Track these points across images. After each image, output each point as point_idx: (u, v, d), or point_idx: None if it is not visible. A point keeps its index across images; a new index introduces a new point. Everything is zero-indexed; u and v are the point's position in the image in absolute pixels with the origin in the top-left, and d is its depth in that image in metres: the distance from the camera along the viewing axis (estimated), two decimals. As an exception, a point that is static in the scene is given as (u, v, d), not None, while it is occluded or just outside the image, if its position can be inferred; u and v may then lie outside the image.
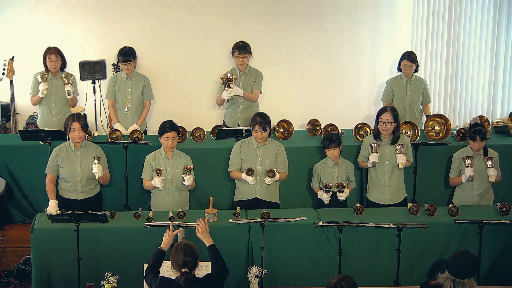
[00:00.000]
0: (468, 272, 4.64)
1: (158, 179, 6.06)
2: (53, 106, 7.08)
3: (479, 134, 6.22)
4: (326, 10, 8.06)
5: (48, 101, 7.06)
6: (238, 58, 7.26)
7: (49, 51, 6.98)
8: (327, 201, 6.17)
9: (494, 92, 8.23)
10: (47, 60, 6.96)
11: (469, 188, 6.33)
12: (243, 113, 7.33)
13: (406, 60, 7.35)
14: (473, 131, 6.25)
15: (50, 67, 6.96)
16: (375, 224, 5.68)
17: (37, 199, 6.85)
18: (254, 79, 7.33)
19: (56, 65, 6.97)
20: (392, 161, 6.33)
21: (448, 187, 6.61)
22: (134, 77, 7.31)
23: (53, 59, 6.94)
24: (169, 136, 6.16)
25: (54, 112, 7.08)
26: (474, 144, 6.25)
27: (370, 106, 8.23)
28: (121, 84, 7.27)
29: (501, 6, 8.04)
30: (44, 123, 7.08)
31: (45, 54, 6.98)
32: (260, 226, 5.66)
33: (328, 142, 6.30)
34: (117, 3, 7.95)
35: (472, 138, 6.26)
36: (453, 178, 6.43)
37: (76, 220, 5.57)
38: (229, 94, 7.14)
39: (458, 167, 6.37)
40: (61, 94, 7.05)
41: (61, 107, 7.10)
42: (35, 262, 5.70)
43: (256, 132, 6.26)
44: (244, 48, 7.26)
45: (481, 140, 6.24)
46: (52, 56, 6.94)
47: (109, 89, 7.35)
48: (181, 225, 5.59)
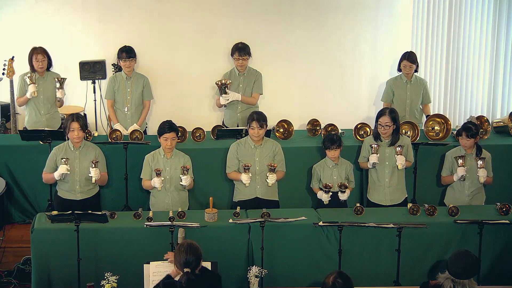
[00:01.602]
0: (468, 272, 4.64)
1: (157, 179, 6.05)
2: (41, 106, 7.07)
3: (466, 131, 6.22)
4: (327, 10, 8.06)
5: (35, 102, 7.05)
6: (238, 60, 7.26)
7: (35, 51, 6.96)
8: (327, 201, 6.17)
9: (494, 92, 8.23)
10: (33, 60, 6.94)
11: (460, 188, 6.34)
12: (242, 113, 7.32)
13: (406, 61, 7.35)
14: (462, 127, 6.28)
15: (37, 67, 6.95)
16: (375, 224, 5.68)
17: (37, 199, 6.85)
18: (253, 81, 7.33)
19: (43, 65, 6.96)
20: (392, 162, 6.33)
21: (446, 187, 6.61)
22: (134, 77, 7.31)
23: (40, 59, 6.93)
24: (168, 137, 6.16)
25: (43, 112, 7.08)
26: (462, 141, 6.26)
27: (370, 106, 8.23)
28: (120, 85, 7.27)
29: (501, 6, 8.03)
30: (33, 123, 7.08)
31: (30, 54, 6.96)
32: (260, 226, 5.66)
33: (330, 143, 6.29)
34: (117, 3, 7.94)
35: (458, 134, 6.28)
36: (445, 177, 6.44)
37: (76, 220, 5.57)
38: (226, 100, 7.15)
39: (451, 166, 6.38)
40: (49, 94, 7.05)
41: (49, 107, 7.10)
42: (35, 262, 5.70)
43: (253, 129, 6.25)
44: (244, 49, 7.26)
45: (468, 137, 6.23)
46: (39, 56, 6.93)
47: (108, 89, 7.35)
48: (181, 225, 5.59)
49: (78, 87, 7.90)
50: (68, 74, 7.51)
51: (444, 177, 6.45)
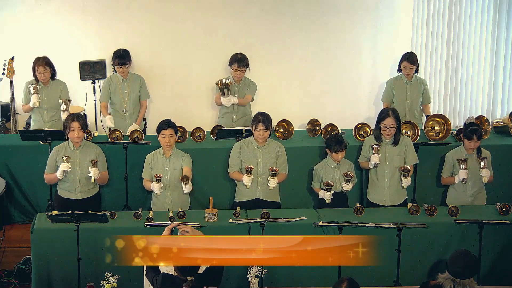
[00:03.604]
0: (468, 272, 4.64)
1: (156, 185, 6.04)
2: (44, 114, 7.08)
3: (476, 134, 6.22)
4: (327, 10, 8.06)
5: (39, 110, 7.07)
6: (236, 71, 7.27)
7: (37, 62, 6.96)
8: (329, 199, 6.16)
9: (494, 92, 8.22)
10: (36, 71, 6.95)
11: (463, 188, 6.33)
12: (237, 122, 7.34)
13: (406, 62, 7.34)
14: (470, 130, 6.25)
15: (40, 79, 6.96)
16: (375, 224, 5.69)
17: (37, 199, 6.85)
18: (247, 89, 7.35)
19: (46, 76, 6.96)
20: (392, 163, 6.32)
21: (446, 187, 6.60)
22: (130, 78, 7.30)
23: (42, 71, 6.93)
24: (166, 134, 6.16)
25: (46, 120, 7.09)
26: (470, 144, 6.25)
27: (370, 106, 8.23)
28: (117, 87, 7.25)
29: (501, 6, 8.03)
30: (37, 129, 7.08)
31: (34, 65, 6.97)
32: (260, 226, 5.67)
33: (337, 145, 6.26)
34: (116, 3, 7.93)
35: (468, 137, 6.25)
36: (445, 178, 6.43)
37: (76, 220, 5.57)
38: (228, 102, 7.17)
39: (451, 167, 6.38)
40: (52, 103, 7.06)
41: (53, 115, 7.11)
42: (35, 262, 5.71)
43: (259, 131, 6.25)
44: (243, 61, 7.27)
45: (477, 139, 6.23)
46: (40, 68, 6.93)
47: (104, 92, 7.30)
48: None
49: (78, 87, 7.88)
50: (68, 74, 7.52)
51: (445, 178, 6.44)
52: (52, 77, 7.06)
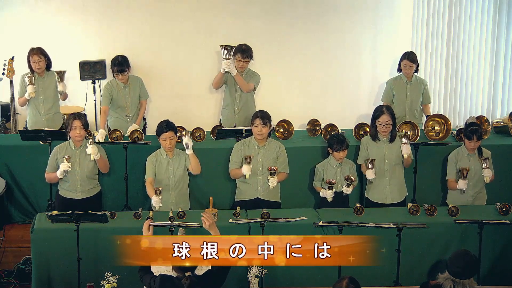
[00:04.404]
0: (468, 272, 4.64)
1: (156, 198, 5.95)
2: (41, 107, 7.07)
3: (476, 134, 6.22)
4: (327, 10, 8.06)
5: (35, 102, 7.05)
6: (239, 61, 7.23)
7: (31, 52, 6.95)
8: (331, 198, 6.16)
9: (494, 92, 8.23)
10: (30, 61, 6.95)
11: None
12: (239, 114, 7.32)
13: (406, 60, 7.35)
14: (470, 130, 6.25)
15: (34, 68, 6.95)
16: (375, 224, 5.68)
17: (37, 199, 6.85)
18: (250, 79, 7.31)
19: (40, 65, 6.95)
20: (391, 160, 6.33)
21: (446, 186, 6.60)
22: (130, 82, 7.26)
23: (36, 60, 6.92)
24: (166, 137, 6.16)
25: (43, 113, 7.07)
26: (470, 144, 6.25)
27: (370, 106, 8.19)
28: (118, 93, 7.21)
29: (501, 6, 8.03)
30: (33, 124, 7.08)
31: (28, 56, 6.96)
32: (260, 226, 5.67)
33: (339, 145, 6.25)
34: (117, 3, 7.94)
35: (468, 137, 6.25)
36: (452, 181, 6.37)
37: (76, 220, 5.57)
38: (227, 66, 7.05)
39: (455, 167, 6.36)
40: (48, 94, 7.05)
41: (50, 107, 7.10)
42: (35, 262, 5.71)
43: (257, 127, 6.25)
44: (247, 52, 7.23)
45: (477, 139, 6.23)
46: (34, 57, 6.92)
47: (106, 96, 7.21)
48: (181, 225, 5.59)
49: (78, 87, 7.89)
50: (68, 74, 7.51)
51: (451, 180, 6.38)
52: (47, 67, 7.05)
